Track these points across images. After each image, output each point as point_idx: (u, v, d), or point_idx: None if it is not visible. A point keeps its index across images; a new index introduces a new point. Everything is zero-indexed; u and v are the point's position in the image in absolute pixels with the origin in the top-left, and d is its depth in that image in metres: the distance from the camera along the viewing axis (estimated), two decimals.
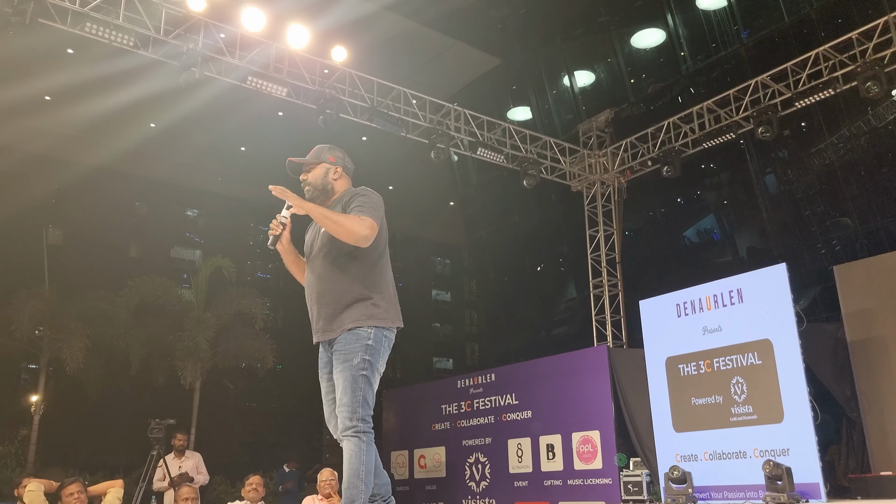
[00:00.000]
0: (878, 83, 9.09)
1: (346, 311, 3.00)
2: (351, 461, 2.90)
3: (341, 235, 2.93)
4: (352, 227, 2.91)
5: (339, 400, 2.94)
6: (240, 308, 15.87)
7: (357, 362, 2.94)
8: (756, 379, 7.96)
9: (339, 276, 3.04)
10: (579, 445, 9.67)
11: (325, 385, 3.15)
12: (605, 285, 12.44)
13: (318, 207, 2.99)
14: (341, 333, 2.99)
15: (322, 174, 3.21)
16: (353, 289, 3.02)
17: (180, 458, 8.78)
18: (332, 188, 3.22)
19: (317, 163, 3.23)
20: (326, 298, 3.04)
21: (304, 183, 3.22)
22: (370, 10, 14.61)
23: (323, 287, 3.06)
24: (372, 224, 2.96)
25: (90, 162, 19.30)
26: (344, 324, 2.99)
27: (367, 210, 3.01)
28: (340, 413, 2.92)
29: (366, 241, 2.95)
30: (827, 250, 13.47)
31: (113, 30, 8.36)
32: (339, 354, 2.98)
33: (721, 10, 14.72)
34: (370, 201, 3.06)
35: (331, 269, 3.06)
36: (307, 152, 3.38)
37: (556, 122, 18.00)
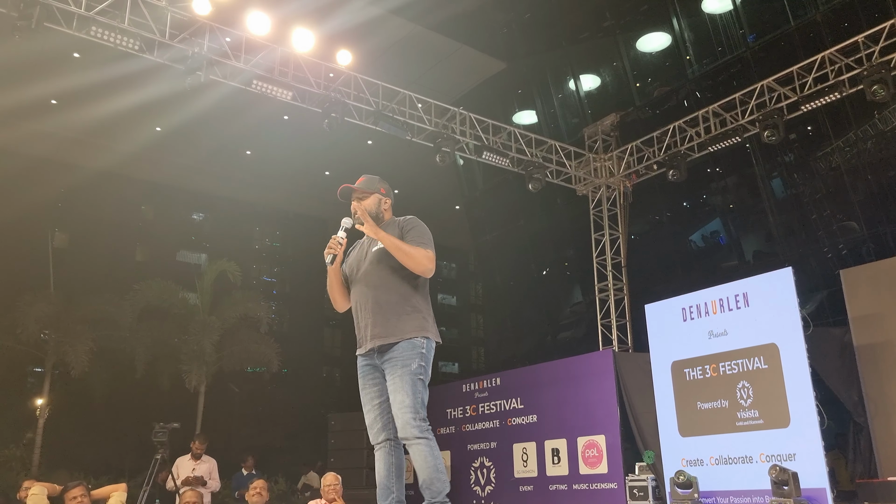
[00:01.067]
0: (884, 86, 9.04)
1: (403, 320, 3.26)
2: (426, 460, 3.09)
3: (410, 266, 3.25)
4: (422, 260, 3.25)
5: (400, 402, 3.14)
6: (245, 312, 15.90)
7: (415, 367, 3.20)
8: (762, 383, 7.92)
9: (395, 288, 3.31)
10: (585, 450, 9.63)
11: (371, 391, 3.32)
12: (610, 289, 12.41)
13: (390, 237, 3.27)
14: (399, 341, 3.22)
15: (376, 203, 3.49)
16: (409, 301, 3.31)
17: (196, 461, 8.80)
18: (382, 217, 3.50)
19: (370, 192, 3.50)
20: (386, 308, 3.28)
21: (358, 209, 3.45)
22: (375, 14, 14.64)
23: (380, 298, 3.30)
24: (434, 257, 3.31)
25: (96, 165, 19.39)
26: (401, 332, 3.23)
27: (428, 242, 3.34)
28: (402, 414, 3.12)
29: (430, 272, 3.31)
30: (833, 254, 13.40)
31: (118, 34, 8.39)
32: (395, 361, 3.21)
33: (727, 13, 14.69)
34: (426, 234, 3.38)
35: (388, 281, 3.31)
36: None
37: (561, 126, 17.98)
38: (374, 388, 3.31)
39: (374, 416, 3.29)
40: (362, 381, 3.34)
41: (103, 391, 15.56)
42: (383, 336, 3.24)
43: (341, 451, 11.77)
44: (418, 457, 3.10)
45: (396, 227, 3.40)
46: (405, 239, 3.32)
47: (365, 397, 3.33)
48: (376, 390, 3.30)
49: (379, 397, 3.29)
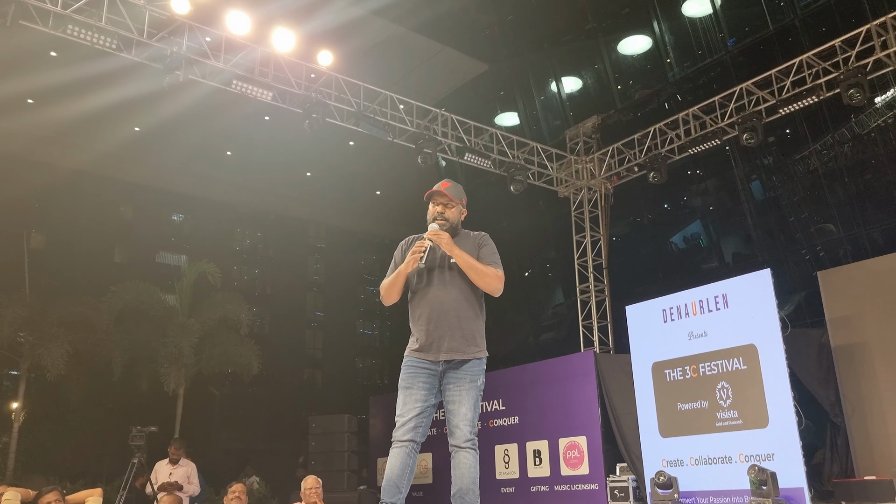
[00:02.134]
0: (860, 90, 9.16)
1: (477, 339, 3.39)
2: (471, 469, 3.23)
3: (481, 284, 3.39)
4: (494, 280, 3.39)
5: (462, 415, 3.27)
6: (225, 314, 15.73)
7: (480, 384, 3.37)
8: (741, 384, 7.98)
9: (474, 306, 3.43)
10: (566, 451, 9.65)
11: (416, 393, 3.35)
12: (592, 291, 12.45)
13: (465, 255, 3.36)
14: (472, 358, 3.34)
15: (458, 214, 3.55)
16: (481, 319, 3.47)
17: (174, 466, 8.69)
18: (459, 229, 3.57)
19: (457, 202, 3.54)
20: (464, 324, 3.36)
21: (441, 216, 3.48)
22: (357, 15, 14.57)
23: (461, 312, 3.37)
24: (503, 278, 3.44)
25: (73, 165, 19.13)
26: (475, 351, 3.36)
27: (499, 263, 3.47)
28: (464, 425, 3.25)
29: (499, 292, 3.42)
30: (811, 256, 13.55)
31: (95, 32, 8.28)
32: (466, 375, 3.33)
33: (707, 17, 14.81)
34: (497, 253, 3.51)
35: (469, 297, 3.41)
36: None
37: (543, 128, 18.03)
38: (422, 391, 3.33)
39: (411, 416, 3.29)
40: (412, 379, 3.35)
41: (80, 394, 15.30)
42: (460, 351, 3.32)
43: (322, 454, 11.69)
44: (464, 465, 3.22)
45: (471, 242, 3.49)
46: (480, 254, 3.43)
47: (409, 396, 3.33)
48: (424, 394, 3.33)
49: (423, 401, 3.32)
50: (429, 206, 3.51)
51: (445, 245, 3.35)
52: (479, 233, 3.59)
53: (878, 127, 12.81)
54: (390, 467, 3.25)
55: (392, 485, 3.23)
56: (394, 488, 3.23)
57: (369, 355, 30.19)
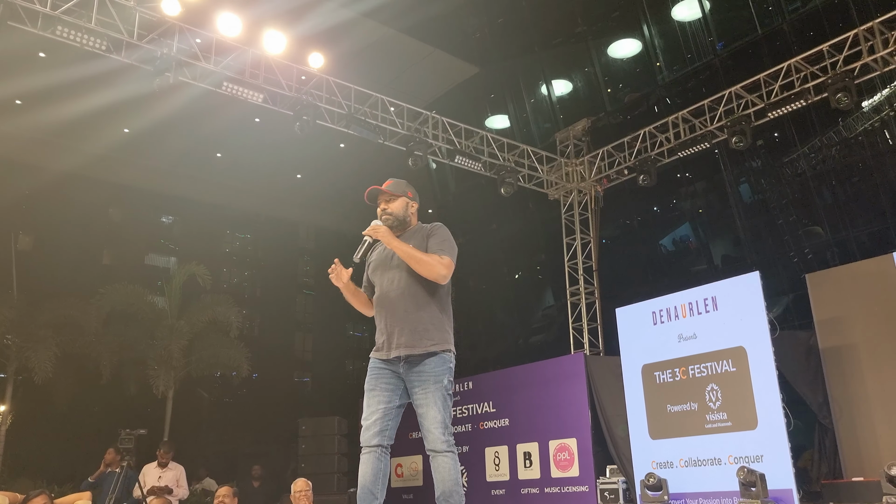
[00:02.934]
0: (848, 94, 9.24)
1: (430, 332, 3.26)
2: (450, 473, 3.18)
3: (422, 272, 3.25)
4: (434, 265, 3.23)
5: (431, 418, 3.18)
6: (214, 316, 15.69)
7: (445, 383, 3.23)
8: (730, 386, 8.02)
9: (423, 298, 3.29)
10: (556, 453, 9.66)
11: (381, 394, 3.28)
12: (582, 293, 12.48)
13: (403, 244, 3.28)
14: (427, 355, 3.22)
15: (403, 206, 3.49)
16: (435, 312, 3.31)
17: (162, 469, 8.65)
18: (408, 220, 3.51)
19: (398, 195, 3.49)
20: (413, 317, 3.26)
21: (385, 212, 3.44)
22: (348, 17, 14.57)
23: (408, 305, 3.28)
24: (451, 264, 3.29)
25: (62, 167, 19.00)
26: (429, 344, 3.23)
27: (448, 249, 3.33)
28: (434, 429, 3.17)
29: (444, 279, 3.29)
30: (799, 259, 13.64)
31: (85, 33, 8.23)
32: (426, 376, 3.21)
33: (696, 21, 14.89)
34: (449, 240, 3.38)
35: (416, 290, 3.29)
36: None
37: (533, 131, 18.07)
38: (385, 392, 3.28)
39: (375, 420, 3.25)
40: (374, 381, 3.30)
41: (68, 397, 15.22)
42: (410, 346, 3.22)
43: (312, 457, 11.67)
44: (443, 469, 3.17)
45: (421, 234, 3.42)
46: (428, 244, 3.35)
47: (371, 398, 3.28)
48: (387, 395, 3.27)
49: (387, 402, 3.26)
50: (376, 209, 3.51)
51: (384, 238, 3.30)
52: (433, 224, 3.50)
53: (865, 130, 12.92)
54: (362, 474, 3.22)
55: (366, 492, 3.19)
56: (368, 495, 3.19)
57: (359, 357, 30.11)
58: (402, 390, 3.29)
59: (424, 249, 3.32)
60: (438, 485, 3.19)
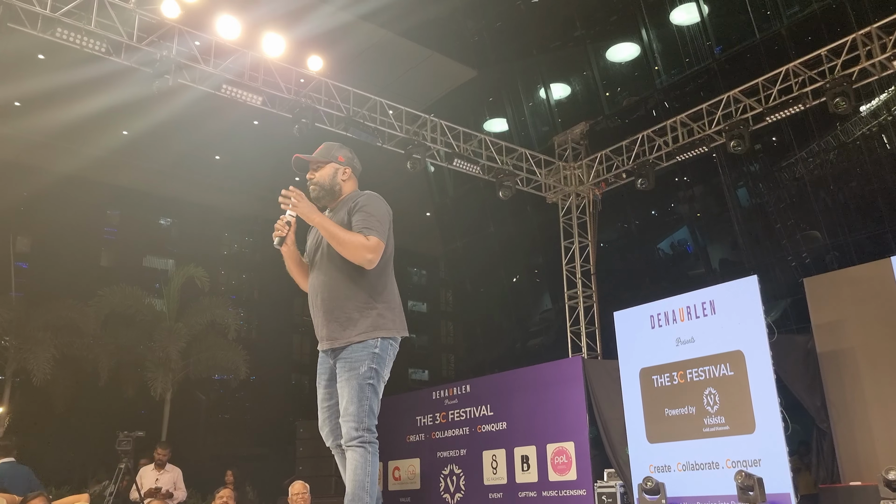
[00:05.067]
0: (846, 99, 9.26)
1: (354, 321, 2.92)
2: (356, 472, 2.82)
3: (347, 255, 2.86)
4: (357, 248, 2.83)
5: (344, 409, 2.86)
6: (212, 318, 15.70)
7: (363, 371, 2.87)
8: (728, 390, 8.03)
9: (346, 285, 2.94)
10: (554, 457, 9.66)
11: (322, 392, 3.06)
12: (580, 296, 12.49)
13: (326, 221, 2.88)
14: (348, 343, 2.91)
15: (331, 174, 3.09)
16: (361, 298, 2.93)
17: (159, 471, 8.60)
18: (339, 189, 3.10)
19: (326, 162, 3.09)
20: (333, 306, 2.94)
21: (311, 182, 3.09)
22: (346, 20, 14.60)
23: (330, 294, 2.95)
24: (377, 244, 2.87)
25: (61, 169, 19.01)
26: (352, 335, 2.91)
27: (375, 226, 2.90)
28: (346, 422, 2.84)
29: (370, 263, 2.88)
30: (797, 263, 13.67)
31: (85, 36, 8.24)
32: (344, 363, 2.90)
33: (694, 25, 14.94)
34: (377, 214, 2.95)
35: (337, 277, 2.95)
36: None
37: (531, 134, 18.10)
38: (325, 390, 3.04)
39: (323, 419, 3.05)
40: (318, 379, 3.08)
41: (66, 399, 15.21)
42: (334, 338, 2.93)
43: (310, 459, 11.66)
44: (350, 466, 2.83)
45: (348, 206, 2.99)
46: (352, 221, 2.92)
47: (318, 397, 3.09)
48: (326, 393, 3.04)
49: (328, 400, 3.03)
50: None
51: (304, 212, 2.86)
52: (363, 193, 3.06)
53: (863, 135, 12.95)
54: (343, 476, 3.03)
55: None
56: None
57: None
58: None
59: (346, 225, 2.92)
60: (347, 485, 2.85)
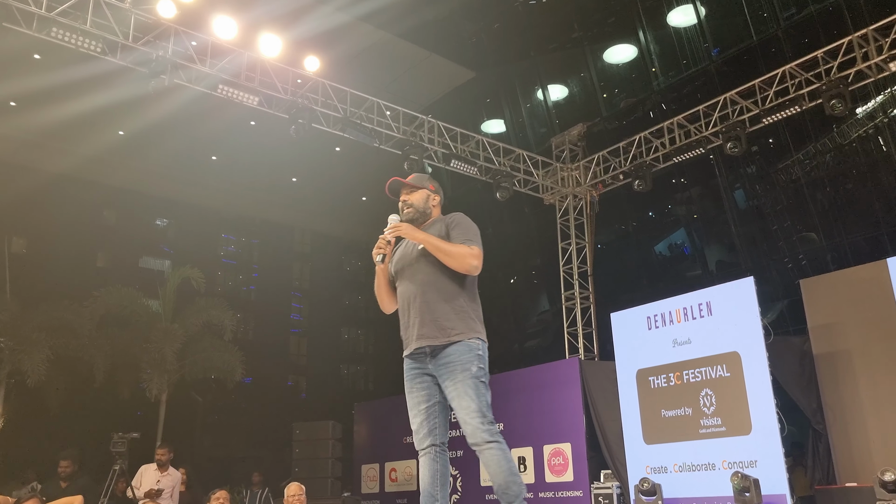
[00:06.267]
0: (842, 101, 9.27)
1: (454, 320, 3.14)
2: (500, 464, 2.99)
3: (452, 265, 3.14)
4: (465, 257, 3.13)
5: (465, 408, 3.01)
6: (208, 319, 15.65)
7: (475, 370, 3.06)
8: (725, 391, 8.03)
9: (446, 287, 3.18)
10: (550, 458, 9.65)
11: (418, 395, 3.20)
12: (577, 298, 12.49)
13: (429, 237, 3.16)
14: (450, 344, 3.09)
15: (424, 198, 3.39)
16: (459, 301, 3.19)
17: (163, 472, 8.52)
18: (429, 213, 3.41)
19: (419, 187, 3.39)
20: (431, 307, 3.15)
21: (406, 203, 3.36)
22: (344, 21, 14.58)
23: (430, 296, 3.17)
24: (480, 253, 3.19)
25: (56, 169, 18.96)
26: (452, 333, 3.11)
27: (474, 238, 3.21)
28: (470, 419, 3.00)
29: (476, 269, 3.18)
30: (794, 264, 13.69)
31: (80, 35, 8.21)
32: (453, 365, 3.07)
33: (691, 27, 14.96)
34: (473, 228, 3.27)
35: (438, 280, 3.19)
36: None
37: (529, 136, 18.10)
38: (421, 392, 3.18)
39: (419, 422, 3.17)
40: (409, 384, 3.22)
41: (60, 400, 15.15)
42: (430, 337, 3.11)
43: (306, 461, 11.64)
44: (491, 461, 2.99)
45: (442, 225, 3.29)
46: (451, 235, 3.22)
47: (411, 401, 3.21)
48: (423, 395, 3.18)
49: (426, 402, 3.16)
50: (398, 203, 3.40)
51: (406, 233, 3.19)
52: (452, 214, 3.37)
53: (859, 137, 12.97)
54: (421, 478, 3.16)
55: (427, 495, 3.13)
56: (429, 498, 3.12)
57: (354, 361, 30.08)
58: (438, 385, 3.18)
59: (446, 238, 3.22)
60: (493, 478, 3.01)
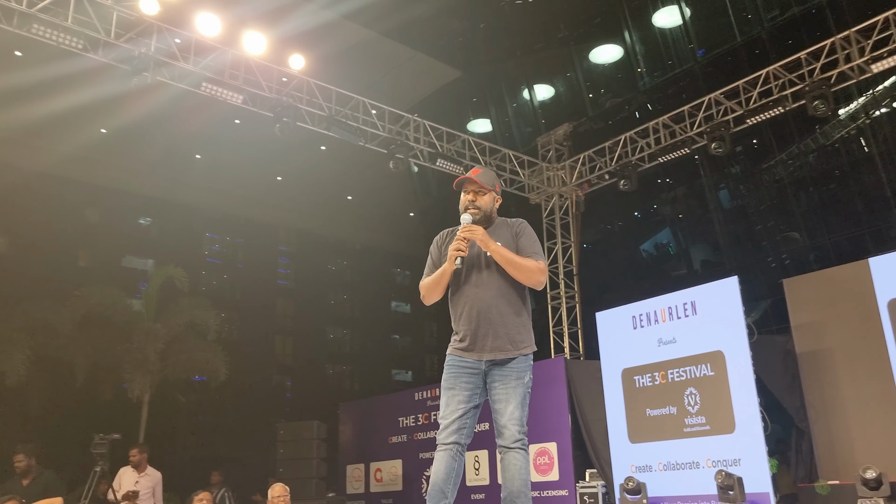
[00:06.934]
0: (825, 102, 9.35)
1: (521, 334, 3.22)
2: (521, 471, 3.08)
3: (522, 279, 3.18)
4: (535, 273, 3.17)
5: (510, 414, 3.12)
6: (192, 319, 15.52)
7: (527, 381, 3.19)
8: (709, 390, 8.07)
9: (517, 301, 3.23)
10: (536, 457, 9.65)
11: (459, 395, 3.21)
12: (562, 297, 12.51)
13: (501, 248, 3.17)
14: (518, 355, 3.18)
15: (491, 202, 3.36)
16: (524, 316, 3.26)
17: (139, 473, 8.43)
18: (494, 217, 3.40)
19: (489, 189, 3.35)
20: (506, 320, 3.19)
21: (473, 204, 3.31)
22: (329, 19, 14.52)
23: (503, 308, 3.20)
24: (546, 269, 3.24)
25: (37, 167, 18.75)
26: (522, 346, 3.20)
27: (541, 253, 3.25)
28: (512, 425, 3.10)
29: (541, 285, 3.22)
30: (777, 264, 13.79)
31: (61, 32, 8.10)
32: (510, 372, 3.16)
33: (677, 28, 15.03)
34: (538, 242, 3.31)
35: (509, 292, 3.21)
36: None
37: (515, 135, 18.12)
38: (465, 391, 3.19)
39: (454, 418, 3.17)
40: (453, 379, 3.22)
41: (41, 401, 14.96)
42: (504, 350, 3.16)
43: (290, 461, 11.56)
44: (513, 467, 3.08)
45: (507, 230, 3.31)
46: (518, 245, 3.25)
47: (451, 397, 3.20)
48: (466, 395, 3.19)
49: (466, 402, 3.18)
50: (460, 195, 3.35)
51: (480, 240, 3.16)
52: (516, 220, 3.38)
53: (841, 138, 13.10)
54: (435, 472, 3.14)
55: (437, 490, 3.12)
56: (439, 493, 3.11)
57: (339, 361, 29.98)
58: (482, 389, 3.22)
59: (513, 248, 3.22)
60: (506, 484, 3.09)
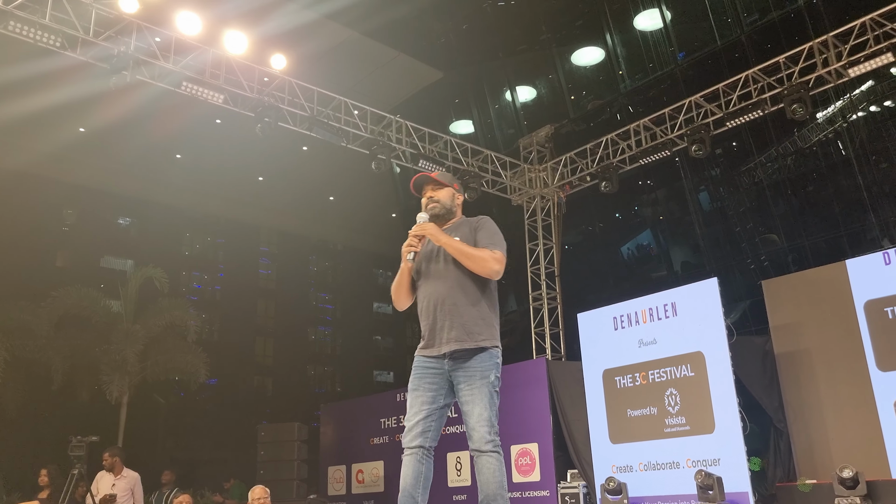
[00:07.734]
0: (803, 106, 9.46)
1: (480, 326, 3.16)
2: (495, 474, 3.04)
3: (475, 269, 3.14)
4: (487, 261, 3.13)
5: (477, 415, 3.06)
6: (172, 320, 15.38)
7: (493, 379, 3.12)
8: (689, 391, 8.13)
9: (474, 293, 3.20)
10: (518, 458, 9.67)
11: (426, 394, 3.17)
12: (544, 298, 12.54)
13: (452, 240, 3.17)
14: (476, 349, 3.11)
15: (450, 196, 3.42)
16: (483, 309, 3.21)
17: (115, 476, 8.33)
18: (454, 211, 3.44)
19: (446, 184, 3.42)
20: (462, 311, 3.16)
21: (432, 199, 3.38)
22: (311, 19, 14.45)
23: (458, 299, 3.17)
24: (503, 258, 3.18)
25: (13, 166, 18.48)
26: (480, 339, 3.13)
27: (498, 242, 3.22)
28: (479, 427, 3.04)
29: (497, 275, 3.19)
30: (756, 265, 13.93)
31: (39, 29, 7.99)
32: (473, 371, 3.10)
33: (657, 31, 15.14)
34: (499, 233, 3.29)
35: (465, 283, 3.19)
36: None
37: (497, 137, 18.15)
38: (427, 392, 3.16)
39: (417, 420, 3.12)
40: (418, 381, 3.18)
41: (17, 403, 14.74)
42: (461, 340, 3.10)
43: (271, 463, 11.50)
44: (486, 470, 3.03)
45: (468, 226, 3.32)
46: (476, 238, 3.23)
47: (415, 399, 3.16)
48: (430, 395, 3.15)
49: (430, 403, 3.14)
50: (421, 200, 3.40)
51: (432, 234, 3.20)
52: (479, 217, 3.40)
53: (819, 141, 13.27)
54: (403, 476, 3.08)
55: (407, 495, 3.05)
56: (409, 499, 3.05)
57: (321, 363, 29.85)
58: (447, 389, 3.17)
59: (472, 243, 3.21)
60: (482, 487, 3.04)
